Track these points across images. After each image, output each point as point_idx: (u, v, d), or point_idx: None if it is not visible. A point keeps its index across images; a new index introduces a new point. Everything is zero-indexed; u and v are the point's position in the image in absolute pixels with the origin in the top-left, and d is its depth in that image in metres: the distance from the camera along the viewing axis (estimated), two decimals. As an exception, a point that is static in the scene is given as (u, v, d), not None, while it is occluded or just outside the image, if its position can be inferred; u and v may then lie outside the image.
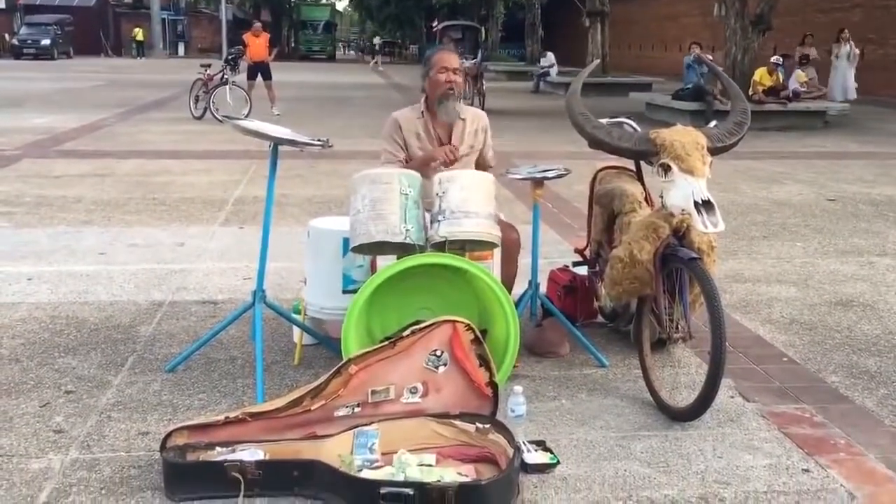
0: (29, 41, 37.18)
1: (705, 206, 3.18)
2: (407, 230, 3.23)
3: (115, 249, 5.64)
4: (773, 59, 14.97)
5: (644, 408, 3.34)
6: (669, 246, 3.30)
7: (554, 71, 23.35)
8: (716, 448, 3.01)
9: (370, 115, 14.49)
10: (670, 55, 29.42)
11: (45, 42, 37.21)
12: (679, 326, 3.35)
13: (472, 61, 16.86)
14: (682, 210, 3.23)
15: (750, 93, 13.64)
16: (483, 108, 14.11)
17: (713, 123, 3.71)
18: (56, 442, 2.96)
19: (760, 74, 14.44)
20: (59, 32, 38.63)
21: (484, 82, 17.36)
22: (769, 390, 3.54)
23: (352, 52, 65.25)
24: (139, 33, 45.24)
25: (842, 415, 3.32)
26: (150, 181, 8.26)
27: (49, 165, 9.06)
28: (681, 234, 3.33)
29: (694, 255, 3.25)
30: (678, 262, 3.28)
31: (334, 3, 65.72)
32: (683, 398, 3.37)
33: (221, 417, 2.82)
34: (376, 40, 52.46)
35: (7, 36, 38.69)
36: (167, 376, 3.55)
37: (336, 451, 2.74)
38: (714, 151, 3.41)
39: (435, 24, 43.48)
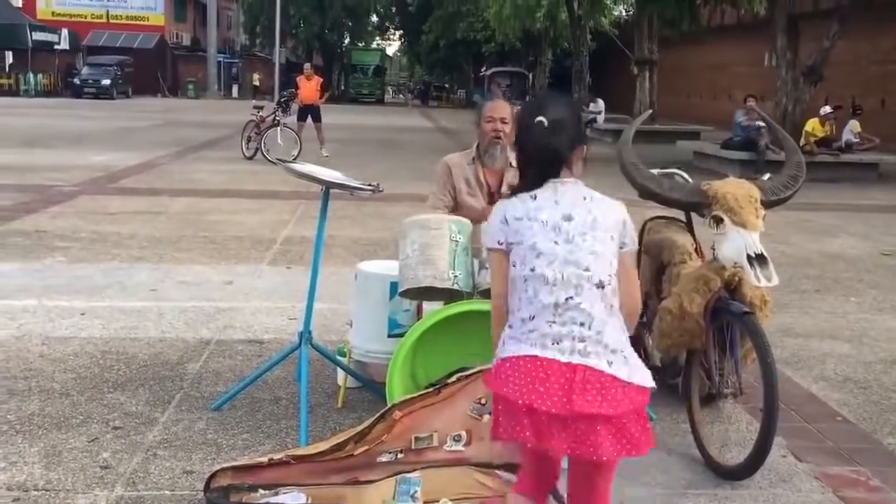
0: (90, 81, 38.46)
1: (758, 259, 3.13)
2: (455, 276, 3.23)
3: (165, 286, 5.74)
4: (824, 109, 14.75)
5: (692, 465, 3.26)
6: (721, 299, 3.26)
7: (601, 118, 23.39)
8: (767, 509, 2.93)
9: (417, 159, 14.64)
10: (719, 104, 29.29)
11: (106, 82, 38.43)
12: (729, 381, 3.29)
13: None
14: (735, 263, 3.19)
15: (801, 143, 13.47)
16: (530, 154, 14.09)
17: (766, 176, 3.67)
18: (103, 478, 2.99)
19: (813, 125, 14.26)
20: (119, 73, 39.89)
21: (531, 128, 17.40)
22: (823, 450, 3.44)
23: (401, 95, 66.09)
24: (256, 79, 48.47)
25: (900, 479, 3.20)
26: (201, 219, 8.42)
27: (105, 202, 9.30)
28: (732, 287, 3.28)
29: (746, 308, 3.20)
30: (730, 315, 3.23)
31: (384, 49, 66.98)
32: (733, 456, 3.28)
33: (265, 459, 2.83)
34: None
35: (51, 74, 40.08)
36: (212, 415, 3.57)
37: (378, 497, 2.73)
38: (768, 205, 3.37)
39: (483, 69, 43.93)
